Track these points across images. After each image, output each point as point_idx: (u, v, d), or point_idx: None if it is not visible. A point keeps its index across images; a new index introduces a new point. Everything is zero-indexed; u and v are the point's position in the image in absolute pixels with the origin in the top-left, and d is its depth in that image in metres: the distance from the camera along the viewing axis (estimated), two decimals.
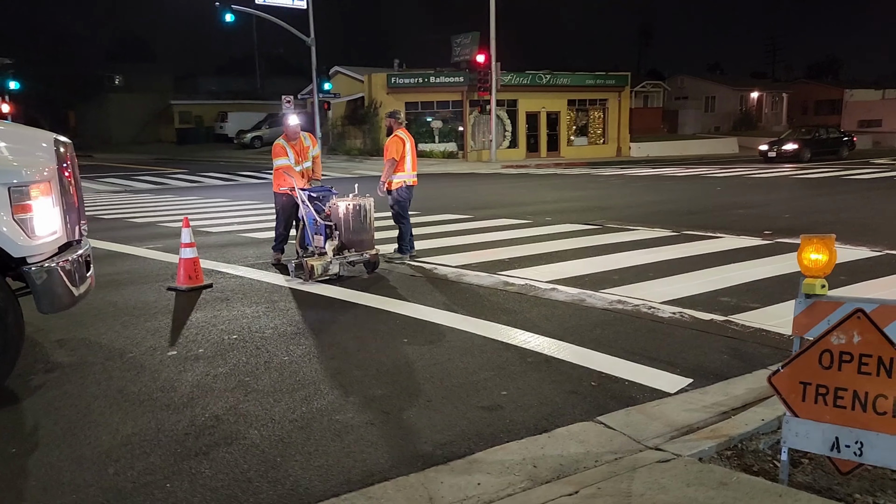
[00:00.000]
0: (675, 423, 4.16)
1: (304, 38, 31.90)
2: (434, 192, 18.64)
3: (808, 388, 3.62)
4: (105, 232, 11.42)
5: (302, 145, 8.46)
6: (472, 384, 4.63)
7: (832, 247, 3.71)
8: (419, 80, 34.07)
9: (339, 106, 37.58)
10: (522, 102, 35.59)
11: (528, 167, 30.44)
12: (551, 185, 20.65)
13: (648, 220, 11.76)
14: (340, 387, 4.59)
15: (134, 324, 6.00)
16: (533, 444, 3.85)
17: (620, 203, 14.76)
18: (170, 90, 60.16)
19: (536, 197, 16.71)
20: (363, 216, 7.81)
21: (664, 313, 6.17)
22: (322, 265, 7.48)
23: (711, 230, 10.39)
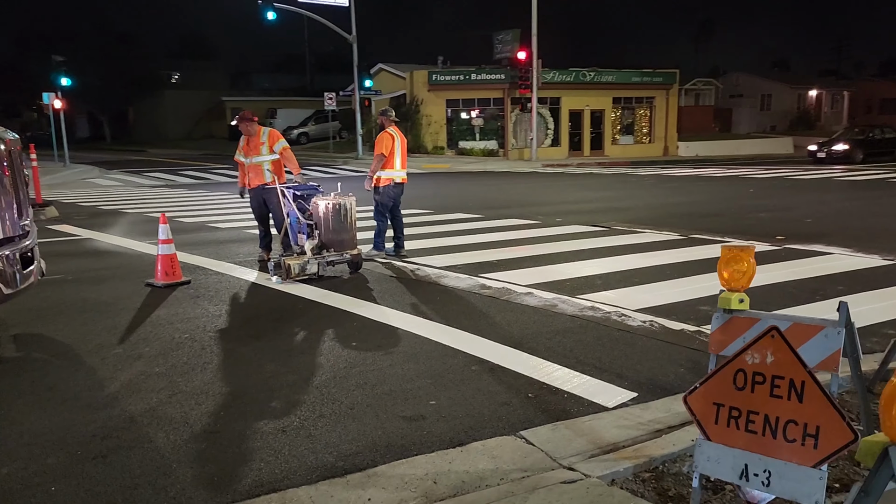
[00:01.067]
0: (602, 440, 3.94)
1: (346, 35, 32.08)
2: (458, 190, 18.51)
3: (722, 409, 3.37)
4: (116, 227, 11.66)
5: (256, 141, 8.42)
6: (404, 392, 4.50)
7: (751, 259, 3.44)
8: (460, 78, 33.91)
9: (383, 103, 37.70)
10: (566, 100, 35.07)
11: (568, 166, 29.99)
12: (582, 184, 20.26)
13: (662, 222, 11.37)
14: (269, 391, 4.51)
15: (95, 320, 6.05)
16: (441, 459, 3.69)
17: (641, 204, 14.33)
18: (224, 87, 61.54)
19: (560, 197, 16.39)
20: (343, 215, 7.69)
21: (634, 321, 5.91)
22: (299, 264, 7.40)
23: (721, 234, 9.96)
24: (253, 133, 8.43)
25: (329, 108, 34.55)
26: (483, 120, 34.14)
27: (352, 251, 7.82)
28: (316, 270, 7.53)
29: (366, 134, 38.00)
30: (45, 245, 10.01)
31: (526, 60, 31.42)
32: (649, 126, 38.03)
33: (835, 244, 8.95)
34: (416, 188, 18.90)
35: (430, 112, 33.98)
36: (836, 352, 3.15)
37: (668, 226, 10.92)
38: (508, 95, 33.61)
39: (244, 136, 8.48)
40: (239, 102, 52.97)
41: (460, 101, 34.34)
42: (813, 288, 6.86)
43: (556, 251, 8.93)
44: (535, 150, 32.22)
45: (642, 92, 37.18)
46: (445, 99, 34.13)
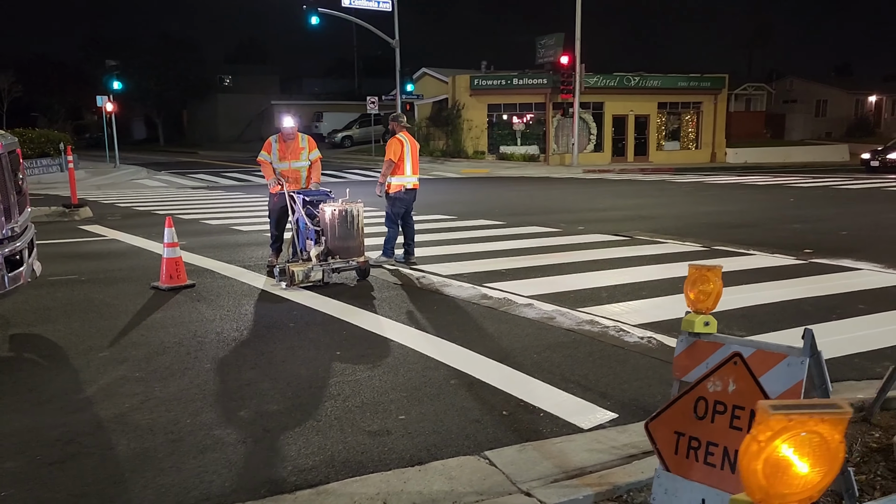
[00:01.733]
0: (568, 464, 3.80)
1: (389, 39, 32.27)
2: (489, 195, 18.37)
3: (682, 439, 3.21)
4: (143, 228, 11.88)
5: (296, 146, 8.33)
6: (375, 405, 4.41)
7: (718, 279, 3.26)
8: (502, 82, 33.75)
9: (426, 108, 37.82)
10: (609, 105, 34.58)
11: (609, 172, 29.55)
12: (617, 191, 19.88)
13: (688, 232, 11.05)
14: (240, 399, 4.49)
15: (93, 321, 6.13)
16: (397, 478, 3.60)
17: (673, 213, 13.95)
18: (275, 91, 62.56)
19: (591, 204, 16.11)
20: (350, 222, 7.59)
21: (631, 337, 5.71)
22: (303, 271, 7.34)
23: (748, 246, 9.60)
24: (293, 137, 8.32)
25: (372, 112, 34.79)
26: (524, 125, 33.89)
27: (358, 258, 7.70)
28: (321, 277, 7.43)
29: None
30: (68, 245, 10.30)
31: (569, 65, 31.11)
32: (696, 132, 37.21)
33: (866, 259, 8.54)
34: (448, 193, 18.87)
35: (472, 117, 33.90)
36: (798, 383, 2.94)
37: (694, 236, 10.59)
38: (550, 100, 33.31)
39: (279, 141, 8.30)
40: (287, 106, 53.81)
41: (502, 105, 34.18)
42: (831, 306, 6.54)
43: (569, 261, 8.73)
44: (576, 155, 31.83)
45: (689, 97, 36.39)
46: (487, 104, 34.01)
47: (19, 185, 5.27)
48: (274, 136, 8.36)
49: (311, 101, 55.49)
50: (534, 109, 34.15)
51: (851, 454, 3.87)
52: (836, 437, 1.32)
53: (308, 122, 51.91)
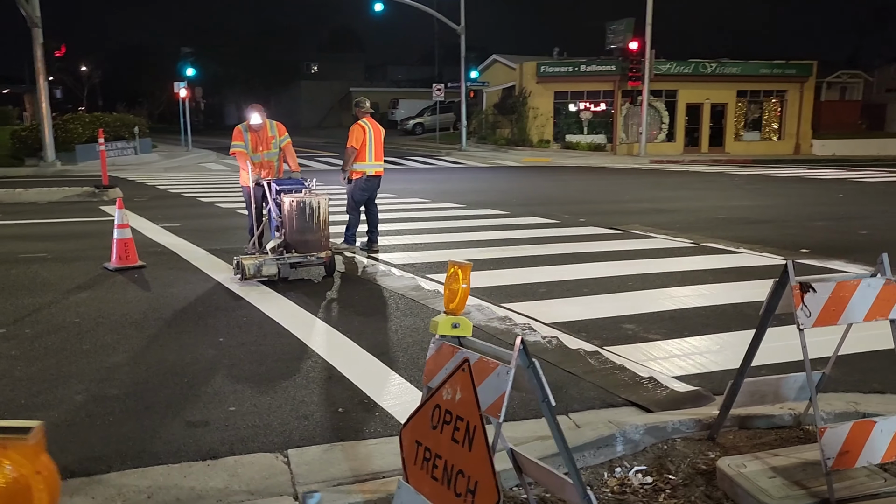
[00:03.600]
0: (367, 467, 3.63)
1: (454, 26, 32.06)
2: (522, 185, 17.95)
3: (420, 448, 3.00)
4: (156, 210, 12.27)
5: (266, 135, 8.02)
6: (215, 395, 4.36)
7: (467, 278, 3.00)
8: (569, 69, 32.94)
9: (495, 96, 37.43)
10: (683, 93, 33.15)
11: (678, 162, 28.33)
12: (664, 183, 19.00)
13: (693, 227, 10.42)
14: (94, 381, 4.52)
15: (19, 298, 6.37)
16: (180, 472, 3.51)
17: (695, 206, 13.18)
18: (359, 78, 63.62)
19: (623, 195, 15.45)
20: (309, 215, 7.08)
21: (534, 336, 5.42)
22: (255, 264, 6.88)
23: (743, 244, 8.94)
24: (261, 127, 7.95)
25: (437, 99, 34.73)
26: (591, 113, 32.98)
27: (319, 254, 7.19)
28: (275, 272, 6.94)
29: (476, 126, 37.99)
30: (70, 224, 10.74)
31: (638, 50, 30.01)
32: (779, 122, 35.15)
33: (861, 262, 7.77)
34: (486, 182, 18.59)
35: (538, 104, 33.29)
36: (502, 395, 2.67)
37: (695, 231, 9.98)
38: (619, 88, 32.27)
39: (249, 130, 7.96)
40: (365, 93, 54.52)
41: (568, 93, 33.40)
42: None
43: (536, 253, 8.40)
44: (643, 145, 30.71)
45: (772, 85, 34.37)
46: (553, 91, 33.31)
47: None
48: (243, 125, 8.05)
49: (389, 88, 56.05)
50: (602, 97, 33.18)
51: (676, 475, 3.52)
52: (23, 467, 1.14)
53: (385, 109, 52.53)
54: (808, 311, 3.17)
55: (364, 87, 56.75)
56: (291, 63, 62.16)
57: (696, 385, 4.51)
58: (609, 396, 4.40)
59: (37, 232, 10.13)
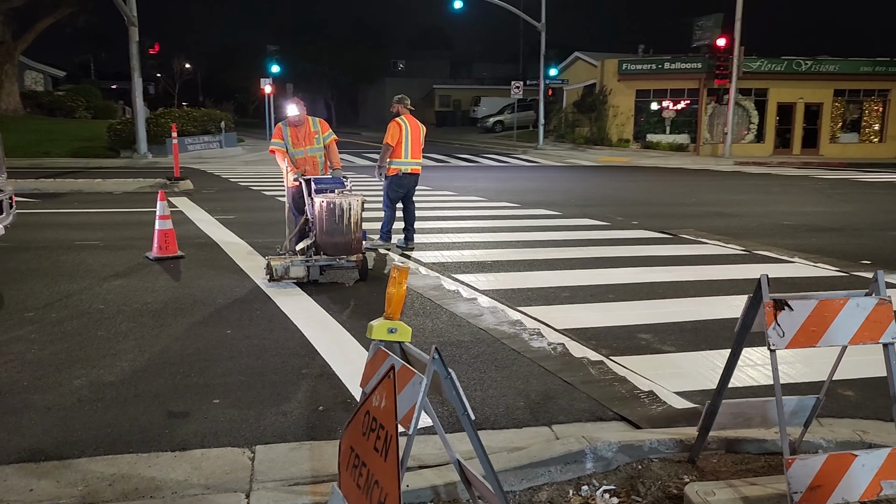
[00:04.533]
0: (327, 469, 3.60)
1: (535, 23, 31.70)
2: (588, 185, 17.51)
3: (352, 455, 2.95)
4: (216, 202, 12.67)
5: (308, 130, 7.82)
6: (207, 385, 4.42)
7: (402, 283, 2.92)
8: (652, 67, 31.96)
9: (575, 94, 36.81)
10: (774, 91, 31.59)
11: (765, 164, 27.03)
12: (736, 186, 18.10)
13: (752, 233, 9.89)
14: (96, 367, 4.66)
15: (58, 284, 6.68)
16: (147, 461, 3.53)
17: (762, 211, 12.49)
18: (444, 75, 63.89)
19: (681, 198, 14.78)
20: (339, 216, 6.81)
21: (541, 342, 5.25)
22: (282, 265, 6.68)
23: (800, 253, 8.40)
24: (302, 122, 7.76)
25: (515, 97, 34.46)
26: (674, 112, 31.89)
27: (349, 257, 6.90)
28: (303, 274, 6.72)
29: (556, 124, 37.45)
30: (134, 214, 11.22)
31: (726, 47, 28.80)
32: (881, 123, 32.98)
33: None
34: (552, 182, 18.28)
35: (618, 103, 32.49)
36: (413, 407, 2.56)
37: (754, 237, 9.46)
38: (705, 86, 31.06)
39: (289, 126, 7.76)
40: (448, 90, 54.87)
41: (651, 91, 32.42)
42: None
43: (570, 256, 8.16)
44: (728, 145, 29.46)
45: (874, 84, 32.27)
46: (635, 89, 32.43)
47: None
48: (283, 122, 7.88)
49: (472, 85, 56.01)
50: (686, 96, 32.04)
51: (645, 497, 3.32)
52: None
53: (466, 106, 52.59)
54: (782, 331, 2.91)
55: (447, 84, 57.02)
56: (379, 60, 63.07)
57: (699, 402, 4.25)
58: (600, 409, 4.20)
59: (101, 220, 10.64)
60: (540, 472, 3.49)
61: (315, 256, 6.88)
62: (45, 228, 9.83)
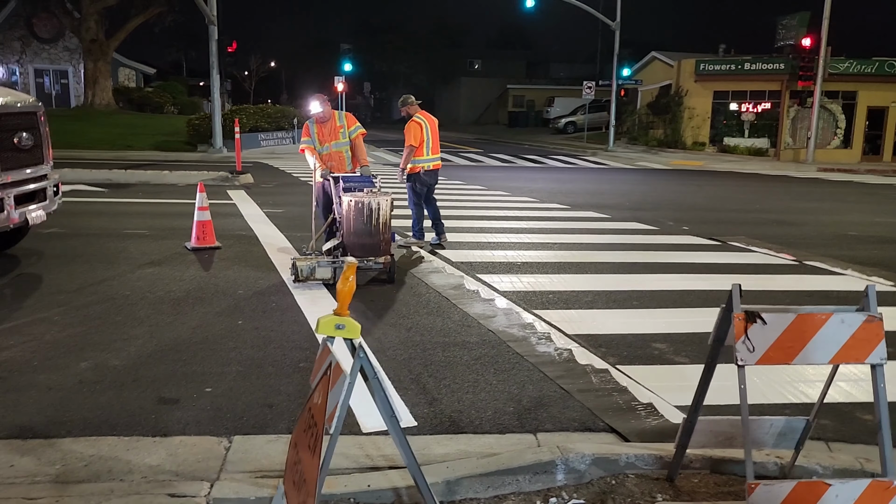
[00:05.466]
0: None
1: (609, 22, 31.09)
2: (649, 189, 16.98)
3: (295, 451, 2.94)
4: (271, 196, 12.92)
5: (333, 125, 7.71)
6: (203, 374, 4.50)
7: (350, 279, 2.87)
8: (731, 67, 30.79)
9: (649, 94, 35.90)
10: (864, 95, 29.89)
11: (851, 171, 25.60)
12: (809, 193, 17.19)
13: (808, 243, 9.37)
14: (105, 351, 4.80)
15: (96, 269, 6.95)
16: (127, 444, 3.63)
17: (826, 220, 11.78)
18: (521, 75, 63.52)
19: (744, 204, 14.11)
20: (367, 217, 6.63)
21: (548, 347, 5.12)
22: (308, 266, 6.52)
23: (852, 264, 7.89)
24: (328, 118, 7.65)
25: (587, 97, 33.87)
26: (754, 115, 30.63)
27: (378, 258, 6.69)
28: (329, 276, 6.54)
29: (630, 126, 36.63)
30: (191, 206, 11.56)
31: (811, 47, 27.47)
32: None
33: None
34: (615, 184, 17.85)
35: (694, 104, 31.48)
36: (336, 406, 2.50)
37: (810, 247, 8.96)
38: (788, 88, 29.69)
39: (316, 123, 7.72)
40: (521, 90, 54.46)
41: (729, 93, 31.23)
42: None
43: (605, 260, 7.92)
44: (811, 150, 28.11)
45: None
46: (713, 90, 31.33)
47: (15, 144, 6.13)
48: (310, 120, 7.82)
49: (546, 85, 55.42)
50: (767, 98, 30.70)
51: None
52: None
53: (540, 106, 52.10)
54: (752, 346, 2.70)
55: (521, 84, 56.59)
56: (456, 60, 63.25)
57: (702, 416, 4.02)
58: (592, 419, 4.05)
59: (155, 210, 11.03)
60: (508, 481, 3.38)
61: (342, 257, 6.71)
62: (102, 217, 10.28)
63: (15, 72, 38.23)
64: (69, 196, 12.23)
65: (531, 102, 54.19)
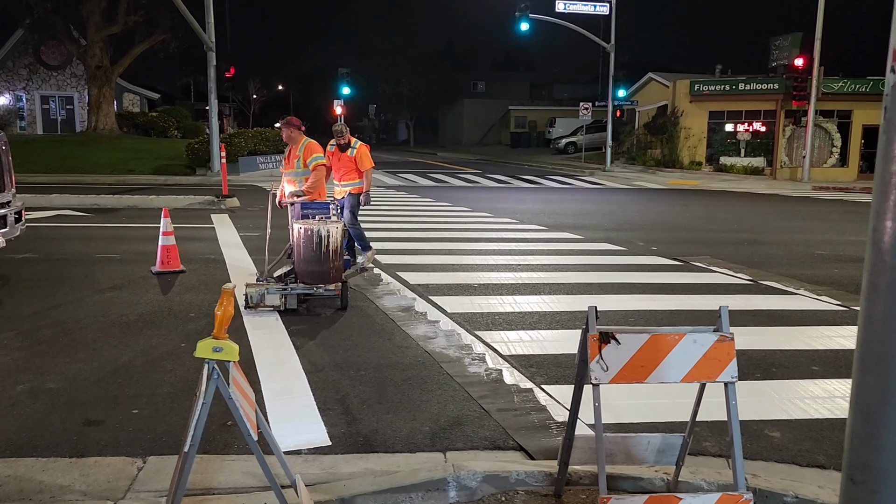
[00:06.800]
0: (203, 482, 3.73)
1: (604, 44, 31.38)
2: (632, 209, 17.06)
3: None
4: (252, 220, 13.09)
5: (295, 152, 7.91)
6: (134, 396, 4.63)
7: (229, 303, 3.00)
8: (726, 87, 30.98)
9: (646, 115, 36.12)
10: (859, 113, 29.99)
11: (847, 190, 25.62)
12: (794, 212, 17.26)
13: (770, 262, 9.45)
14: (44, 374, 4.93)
15: (59, 294, 7.13)
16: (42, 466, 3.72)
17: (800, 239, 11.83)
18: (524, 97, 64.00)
19: (725, 224, 14.20)
20: (316, 244, 6.57)
21: (479, 368, 5.23)
22: (257, 293, 6.56)
23: (807, 283, 7.96)
24: (294, 142, 7.87)
25: (584, 118, 34.13)
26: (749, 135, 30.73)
27: (327, 286, 6.66)
28: (278, 303, 6.56)
29: (629, 146, 36.81)
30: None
31: (804, 67, 27.62)
32: None
33: None
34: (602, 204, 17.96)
35: (690, 124, 31.66)
36: (187, 424, 2.62)
37: (771, 267, 9.05)
38: (782, 108, 29.81)
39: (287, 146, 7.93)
40: (523, 111, 54.84)
41: (725, 113, 31.41)
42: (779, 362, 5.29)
43: (565, 281, 8.03)
44: (807, 169, 28.16)
45: None
46: (708, 110, 31.52)
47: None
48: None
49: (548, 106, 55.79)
50: (762, 117, 30.85)
51: None
52: None
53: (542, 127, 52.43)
54: (605, 365, 2.82)
55: (522, 105, 57.00)
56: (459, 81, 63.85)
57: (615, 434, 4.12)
58: (503, 438, 4.15)
59: (133, 235, 11.22)
60: (401, 499, 3.48)
61: (292, 284, 6.72)
62: (78, 241, 10.48)
63: (21, 98, 39.00)
64: (52, 221, 12.52)
65: (533, 123, 54.58)
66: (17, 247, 8.57)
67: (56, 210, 14.00)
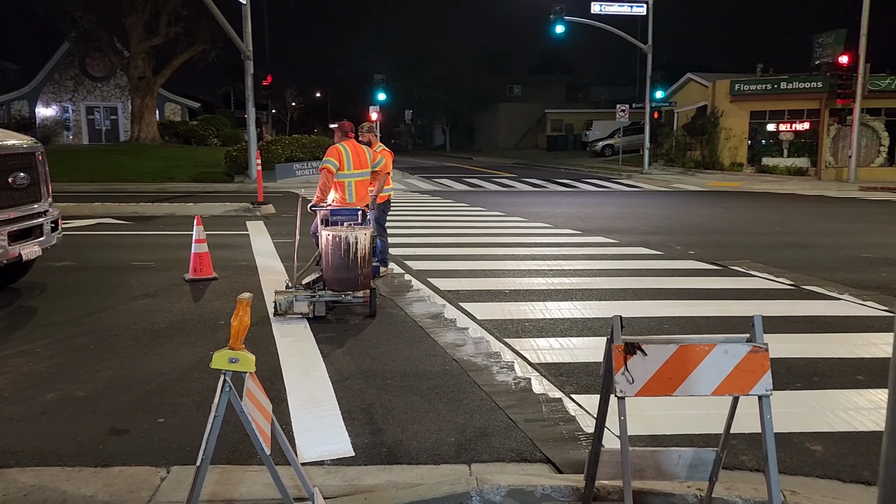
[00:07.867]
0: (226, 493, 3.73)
1: (641, 45, 30.97)
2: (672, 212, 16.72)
3: None
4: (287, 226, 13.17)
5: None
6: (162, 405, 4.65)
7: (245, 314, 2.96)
8: (767, 87, 30.26)
9: (685, 116, 35.50)
10: None
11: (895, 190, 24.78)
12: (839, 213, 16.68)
13: (814, 266, 9.11)
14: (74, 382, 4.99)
15: (94, 301, 7.24)
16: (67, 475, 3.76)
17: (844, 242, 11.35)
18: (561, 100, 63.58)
19: (764, 227, 13.72)
20: (344, 251, 6.54)
21: (507, 376, 5.14)
22: (286, 300, 6.59)
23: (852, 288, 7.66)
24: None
25: (621, 120, 33.68)
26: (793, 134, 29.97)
27: (356, 293, 6.62)
28: (307, 310, 6.58)
29: (668, 148, 36.23)
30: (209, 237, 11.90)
31: (849, 64, 26.82)
32: None
33: None
34: (639, 207, 17.65)
35: (730, 125, 31.00)
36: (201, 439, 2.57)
37: (815, 271, 8.73)
38: (827, 106, 28.97)
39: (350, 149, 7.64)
40: (560, 114, 54.44)
41: (766, 112, 30.67)
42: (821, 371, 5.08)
43: (598, 287, 7.86)
44: (853, 169, 27.29)
45: None
46: (749, 111, 30.81)
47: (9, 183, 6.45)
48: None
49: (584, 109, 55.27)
50: (806, 117, 30.04)
51: None
52: None
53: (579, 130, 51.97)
54: (631, 377, 2.69)
55: (559, 108, 56.59)
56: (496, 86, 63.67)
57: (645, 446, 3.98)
58: (531, 450, 4.04)
59: (169, 242, 11.36)
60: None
61: (321, 291, 6.68)
62: (115, 249, 10.65)
63: (68, 109, 40.07)
64: (92, 230, 12.75)
65: (570, 126, 54.14)
66: (55, 255, 8.72)
67: (97, 218, 14.27)
